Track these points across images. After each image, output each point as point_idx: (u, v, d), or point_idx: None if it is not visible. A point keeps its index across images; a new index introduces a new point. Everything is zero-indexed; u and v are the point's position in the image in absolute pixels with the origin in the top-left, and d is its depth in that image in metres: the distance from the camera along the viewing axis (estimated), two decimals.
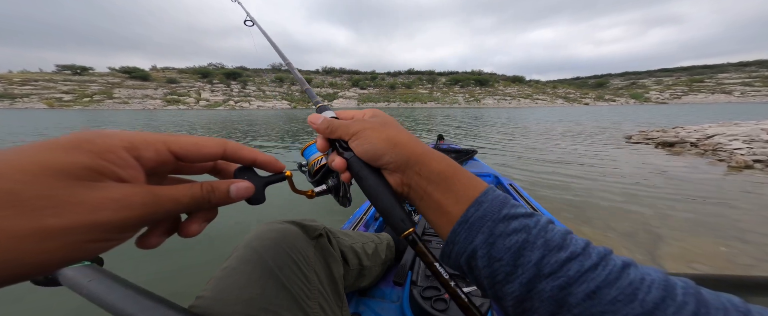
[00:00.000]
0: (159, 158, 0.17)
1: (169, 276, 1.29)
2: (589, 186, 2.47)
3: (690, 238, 1.54)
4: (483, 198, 0.22)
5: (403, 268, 0.72)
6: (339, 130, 0.27)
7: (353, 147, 0.26)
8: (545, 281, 0.18)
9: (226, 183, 0.20)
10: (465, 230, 0.21)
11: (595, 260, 0.18)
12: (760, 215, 1.83)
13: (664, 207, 1.97)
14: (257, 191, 0.22)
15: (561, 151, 4.29)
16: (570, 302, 0.17)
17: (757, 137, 3.80)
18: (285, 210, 2.06)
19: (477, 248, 0.20)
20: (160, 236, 0.19)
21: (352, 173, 0.26)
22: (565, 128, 8.05)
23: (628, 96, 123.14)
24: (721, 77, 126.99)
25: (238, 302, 0.32)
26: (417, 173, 0.24)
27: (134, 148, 0.16)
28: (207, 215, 0.20)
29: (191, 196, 0.17)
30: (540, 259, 0.18)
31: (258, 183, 0.22)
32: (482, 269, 0.20)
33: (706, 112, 18.85)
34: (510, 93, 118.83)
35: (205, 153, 0.19)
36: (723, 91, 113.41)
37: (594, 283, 0.17)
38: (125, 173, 0.15)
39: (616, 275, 0.17)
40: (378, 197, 0.25)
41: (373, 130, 0.25)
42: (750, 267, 1.26)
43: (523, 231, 0.20)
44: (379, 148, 0.24)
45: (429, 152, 0.25)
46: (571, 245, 0.19)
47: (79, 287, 0.20)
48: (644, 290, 0.16)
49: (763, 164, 3.03)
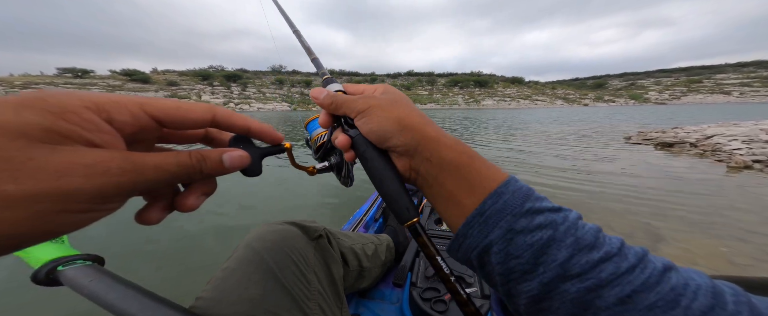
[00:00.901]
0: (137, 123, 0.15)
1: (169, 277, 1.29)
2: (588, 187, 2.47)
3: (690, 238, 1.54)
4: (503, 189, 0.20)
5: (403, 269, 0.72)
6: (344, 107, 0.24)
7: (359, 126, 0.23)
8: (571, 281, 0.17)
9: (219, 151, 0.18)
10: (480, 223, 0.19)
11: (632, 261, 0.16)
12: (760, 215, 1.83)
13: (663, 207, 1.97)
14: (253, 162, 0.20)
15: (559, 152, 4.29)
16: (597, 305, 0.16)
17: (756, 137, 3.80)
18: (285, 211, 2.08)
19: (492, 244, 0.19)
20: (160, 212, 0.18)
21: (357, 153, 0.24)
22: (564, 129, 8.05)
23: (627, 97, 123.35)
24: (719, 78, 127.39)
25: (238, 302, 0.32)
26: (427, 160, 0.21)
27: (102, 110, 0.13)
28: (204, 188, 0.19)
29: (178, 163, 0.16)
30: (567, 259, 0.17)
31: (254, 154, 0.20)
32: (496, 265, 0.19)
33: (705, 112, 18.87)
34: (509, 94, 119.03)
35: (191, 118, 0.17)
36: (721, 92, 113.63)
37: (629, 287, 0.16)
38: (97, 137, 0.13)
39: (657, 279, 0.16)
40: (383, 181, 0.23)
41: (381, 109, 0.23)
42: (748, 267, 1.26)
43: (550, 227, 0.18)
44: (387, 130, 0.22)
45: (442, 137, 0.22)
46: (605, 245, 0.17)
47: (80, 287, 0.20)
48: (689, 297, 0.15)
49: (763, 164, 3.03)
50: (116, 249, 1.51)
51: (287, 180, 2.81)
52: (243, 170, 0.20)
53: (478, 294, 0.62)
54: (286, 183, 2.72)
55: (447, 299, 0.61)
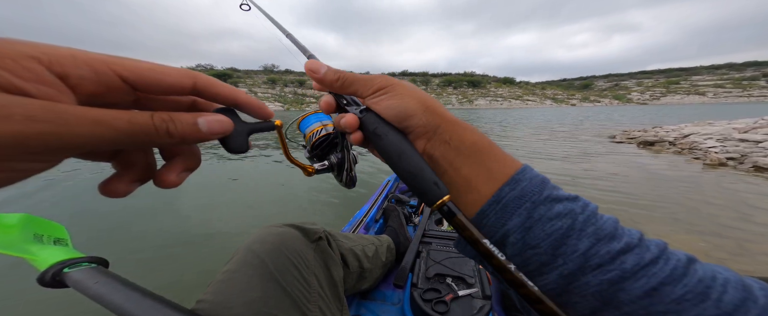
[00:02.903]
0: (100, 81, 0.13)
1: (169, 279, 1.28)
2: (574, 184, 2.56)
3: (670, 233, 1.62)
4: (520, 176, 0.19)
5: (404, 270, 0.72)
6: (357, 83, 0.21)
7: (374, 103, 0.21)
8: (592, 273, 0.16)
9: (194, 114, 0.15)
10: (497, 211, 0.18)
11: (655, 252, 0.16)
12: (735, 210, 1.94)
13: (645, 204, 2.06)
14: (238, 135, 0.18)
15: (547, 151, 4.42)
16: (621, 298, 0.15)
17: (730, 136, 4.03)
18: (285, 212, 2.05)
19: (509, 233, 0.18)
20: (127, 184, 0.16)
21: (367, 133, 0.21)
22: (551, 130, 8.29)
23: (612, 97, 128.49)
24: (695, 79, 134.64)
25: (238, 306, 0.32)
26: (446, 142, 0.20)
27: (56, 62, 0.12)
28: (186, 163, 0.18)
29: (130, 121, 0.13)
30: (588, 248, 0.16)
31: (241, 128, 0.18)
32: (512, 256, 0.18)
33: (683, 112, 19.89)
34: (501, 94, 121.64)
35: (168, 82, 0.15)
36: (697, 93, 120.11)
37: (656, 279, 0.15)
38: (33, 87, 0.11)
39: (683, 270, 0.15)
40: (402, 155, 0.20)
41: (404, 88, 0.21)
42: (724, 261, 1.34)
43: (569, 216, 0.17)
44: (410, 107, 0.20)
45: (460, 121, 0.21)
46: (625, 236, 0.17)
47: (85, 289, 0.20)
48: (718, 289, 0.14)
49: (736, 161, 3.22)
50: (118, 251, 1.49)
51: (287, 181, 2.78)
52: (226, 144, 0.17)
53: (480, 294, 0.62)
54: (286, 184, 2.68)
55: (448, 299, 0.62)
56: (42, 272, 0.20)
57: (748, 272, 0.17)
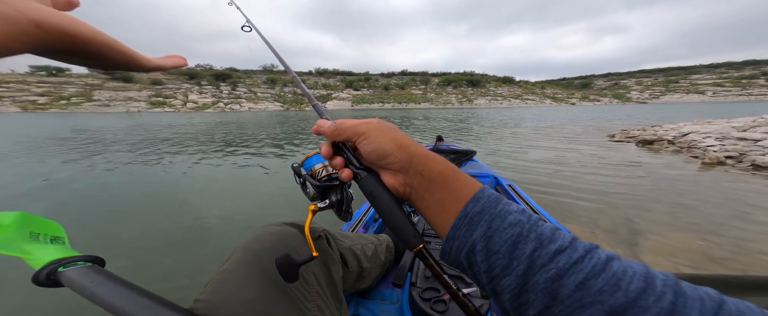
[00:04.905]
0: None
1: (168, 277, 1.28)
2: (574, 184, 2.56)
3: (669, 233, 1.62)
4: (480, 195, 0.23)
5: (403, 269, 0.72)
6: (347, 131, 0.28)
7: (361, 146, 0.27)
8: (539, 273, 0.19)
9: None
10: (465, 224, 0.22)
11: (581, 252, 0.19)
12: (734, 209, 1.95)
13: (644, 203, 2.07)
14: (292, 270, 0.24)
15: (546, 150, 4.43)
16: (562, 293, 0.18)
17: (728, 135, 4.04)
18: (285, 212, 2.04)
19: (476, 242, 0.21)
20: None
21: (366, 192, 0.28)
22: (551, 129, 8.29)
23: (611, 96, 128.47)
24: (694, 78, 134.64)
25: (236, 305, 0.32)
26: (419, 173, 0.25)
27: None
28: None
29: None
30: (533, 251, 0.19)
31: (294, 263, 0.25)
32: (481, 263, 0.21)
33: (683, 111, 19.92)
34: (501, 93, 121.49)
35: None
36: (697, 92, 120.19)
37: (582, 274, 0.18)
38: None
39: (601, 267, 0.18)
40: (392, 214, 0.26)
41: (380, 131, 0.27)
42: (723, 260, 1.34)
43: (518, 225, 0.21)
44: (386, 148, 0.26)
45: (430, 154, 0.26)
46: (559, 239, 0.20)
47: (81, 288, 0.20)
48: (627, 281, 0.17)
49: (734, 160, 3.23)
50: (117, 250, 1.49)
51: (287, 181, 2.77)
52: (283, 276, 0.26)
53: (478, 294, 0.63)
54: (286, 184, 2.68)
55: (447, 298, 0.62)
56: (37, 271, 0.20)
57: (746, 271, 0.17)
